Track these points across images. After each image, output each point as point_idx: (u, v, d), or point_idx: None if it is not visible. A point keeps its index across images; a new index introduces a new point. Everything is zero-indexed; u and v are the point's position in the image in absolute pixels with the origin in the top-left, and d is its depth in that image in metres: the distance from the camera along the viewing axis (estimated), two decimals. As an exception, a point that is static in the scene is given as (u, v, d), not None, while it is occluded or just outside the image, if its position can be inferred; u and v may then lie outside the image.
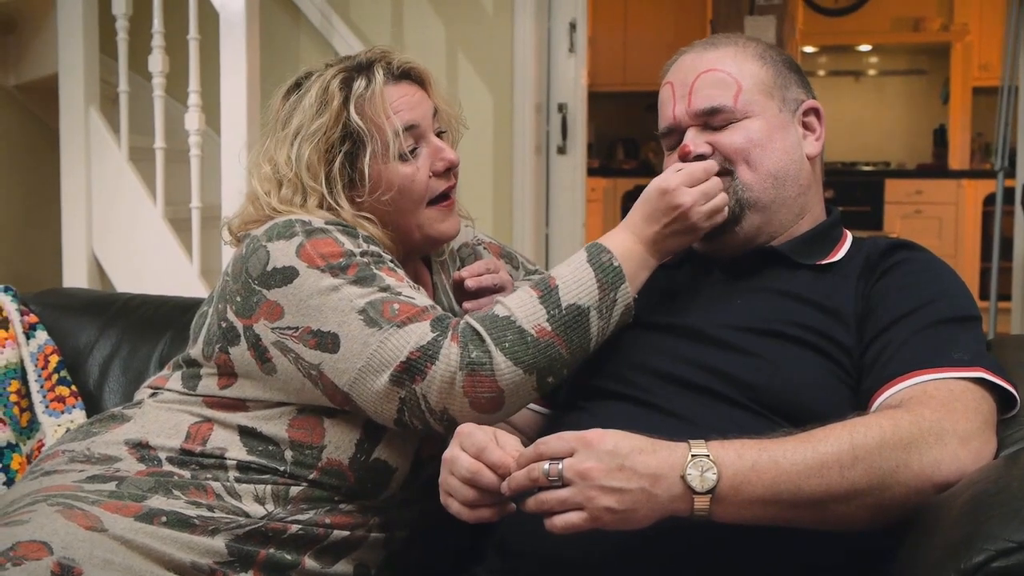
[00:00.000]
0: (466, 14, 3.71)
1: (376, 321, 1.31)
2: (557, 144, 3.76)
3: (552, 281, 1.34)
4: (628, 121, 8.18)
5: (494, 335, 1.29)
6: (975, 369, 1.24)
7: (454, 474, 1.18)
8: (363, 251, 1.38)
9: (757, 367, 1.32)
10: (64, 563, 1.22)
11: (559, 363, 1.32)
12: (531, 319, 1.31)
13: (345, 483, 1.39)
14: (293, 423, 1.39)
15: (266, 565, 1.34)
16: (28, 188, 3.52)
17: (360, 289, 1.33)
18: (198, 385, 1.45)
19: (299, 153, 1.46)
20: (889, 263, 1.40)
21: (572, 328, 1.32)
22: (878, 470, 1.12)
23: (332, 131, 1.45)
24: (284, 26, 3.77)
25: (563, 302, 1.32)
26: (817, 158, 1.52)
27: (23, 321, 1.93)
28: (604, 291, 1.34)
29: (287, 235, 1.39)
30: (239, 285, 1.40)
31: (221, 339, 1.42)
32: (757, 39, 1.54)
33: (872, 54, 8.13)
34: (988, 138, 7.03)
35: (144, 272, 3.05)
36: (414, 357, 1.28)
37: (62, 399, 1.89)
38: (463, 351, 1.28)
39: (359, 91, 1.46)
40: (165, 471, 1.38)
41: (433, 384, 1.28)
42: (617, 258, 1.36)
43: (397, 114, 1.47)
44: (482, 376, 1.28)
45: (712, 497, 1.09)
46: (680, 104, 1.48)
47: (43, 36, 3.31)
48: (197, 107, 2.97)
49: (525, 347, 1.29)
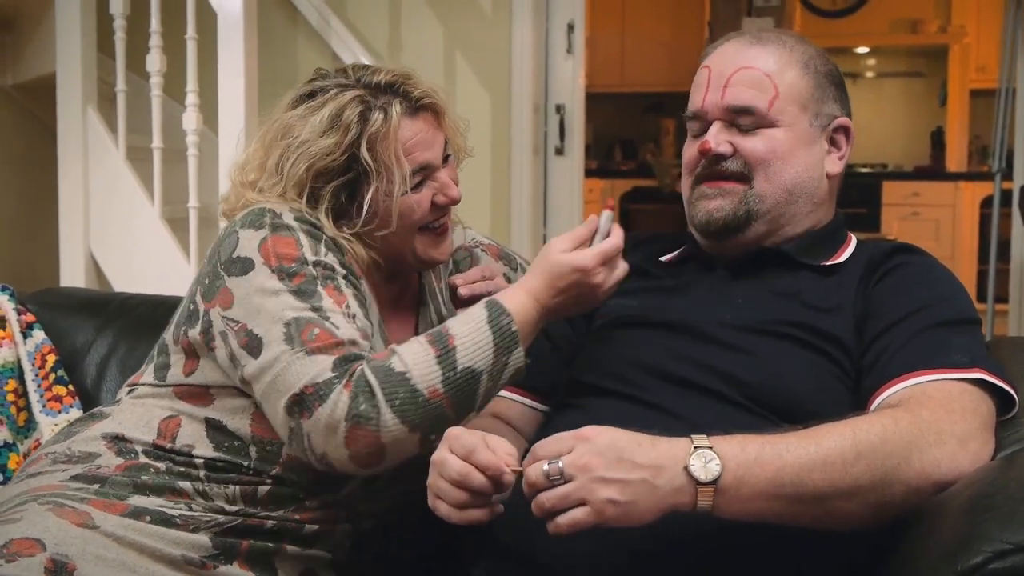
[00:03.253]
0: (464, 15, 3.70)
1: (292, 339, 1.30)
2: (555, 145, 3.76)
3: (451, 341, 1.31)
4: (626, 122, 8.17)
5: (386, 390, 1.27)
6: (974, 370, 1.24)
7: (443, 476, 1.18)
8: (316, 260, 1.38)
9: (755, 366, 1.32)
10: (57, 559, 1.24)
11: (444, 423, 1.28)
12: (426, 380, 1.28)
13: (307, 478, 1.39)
14: (255, 417, 1.40)
15: (250, 555, 1.37)
16: (25, 187, 3.52)
17: (295, 302, 1.34)
18: (167, 375, 1.47)
19: (293, 164, 1.44)
20: (890, 265, 1.41)
21: (463, 390, 1.30)
22: (880, 467, 1.12)
23: (336, 158, 1.43)
24: (282, 26, 3.77)
25: (459, 364, 1.30)
26: (837, 176, 1.49)
27: (20, 320, 1.93)
28: (499, 355, 1.32)
29: (256, 224, 1.40)
30: (211, 267, 1.43)
31: (186, 321, 1.45)
32: (807, 42, 1.49)
33: (870, 56, 8.13)
34: (985, 140, 7.03)
35: (141, 272, 3.05)
36: (307, 392, 1.28)
37: (59, 398, 1.89)
38: (352, 402, 1.26)
39: (374, 127, 1.43)
40: (142, 463, 1.40)
41: (318, 426, 1.27)
42: (516, 323, 1.34)
43: (410, 156, 1.45)
44: (367, 430, 1.26)
45: (716, 489, 1.09)
46: (713, 94, 1.45)
47: (41, 35, 3.30)
48: (195, 107, 2.97)
49: (415, 407, 1.28)
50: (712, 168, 1.45)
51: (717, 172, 1.44)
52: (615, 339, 1.44)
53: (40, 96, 3.38)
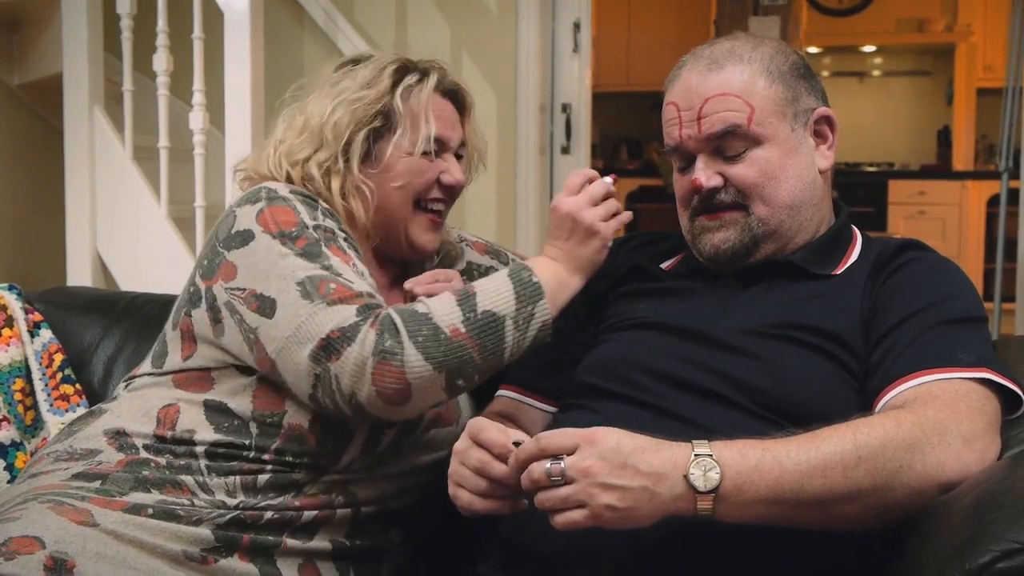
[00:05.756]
0: (470, 14, 3.71)
1: (310, 295, 1.34)
2: (561, 144, 3.76)
3: (472, 289, 1.38)
4: (632, 121, 8.17)
5: (410, 328, 1.32)
6: (980, 369, 1.24)
7: (465, 464, 1.19)
8: (316, 224, 1.44)
9: (762, 370, 1.32)
10: (57, 556, 1.24)
11: (470, 367, 1.33)
12: (447, 319, 1.34)
13: (307, 447, 1.41)
14: (256, 394, 1.42)
15: (251, 548, 1.38)
16: (32, 187, 3.53)
17: (304, 262, 1.38)
18: (165, 362, 1.49)
19: (334, 110, 1.53)
20: (898, 263, 1.40)
21: (486, 334, 1.34)
22: (881, 471, 1.12)
23: (372, 105, 1.53)
24: (288, 25, 3.77)
25: (479, 307, 1.35)
26: (829, 169, 1.48)
27: (27, 319, 1.94)
28: (521, 303, 1.37)
29: (252, 200, 1.46)
30: (208, 250, 1.47)
31: (187, 303, 1.48)
32: (761, 41, 1.47)
33: (876, 55, 8.12)
34: (992, 139, 7.03)
35: (148, 271, 3.06)
36: (334, 336, 1.31)
37: (66, 397, 1.89)
38: (378, 338, 1.31)
39: (409, 83, 1.56)
40: (142, 458, 1.41)
41: (346, 366, 1.30)
42: (537, 275, 1.40)
43: (433, 122, 1.55)
44: (391, 366, 1.30)
45: (715, 496, 1.09)
46: (688, 129, 1.43)
47: (47, 35, 3.31)
48: (201, 106, 2.97)
49: (437, 344, 1.32)
50: (708, 202, 1.44)
51: (714, 205, 1.44)
52: (622, 342, 1.44)
53: (47, 96, 3.39)
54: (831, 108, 1.50)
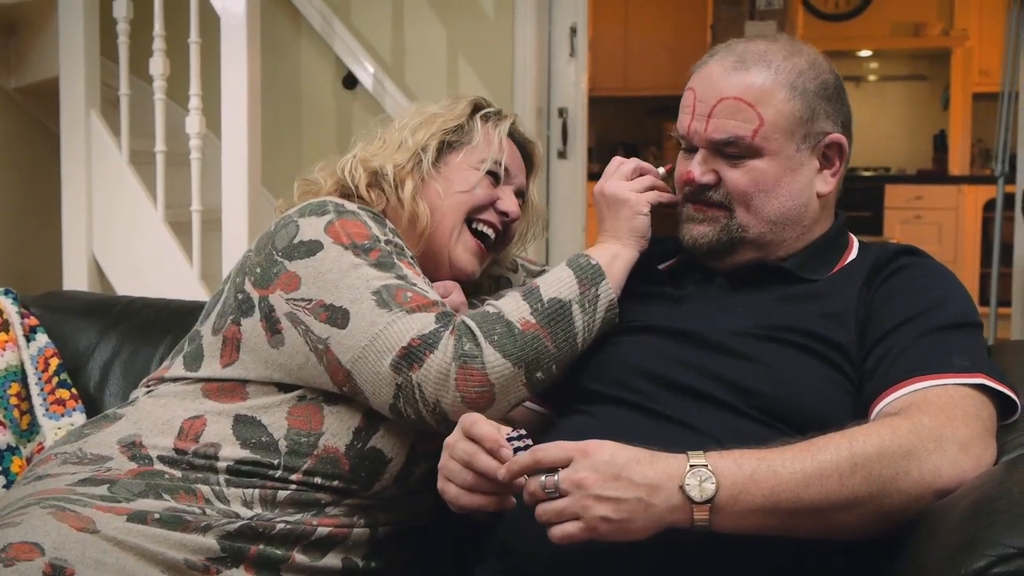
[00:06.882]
0: (467, 18, 3.71)
1: (387, 303, 1.35)
2: (558, 148, 3.76)
3: (534, 284, 1.42)
4: (629, 126, 8.16)
5: (484, 329, 1.34)
6: (975, 375, 1.24)
7: (453, 457, 1.19)
8: (387, 239, 1.45)
9: (758, 373, 1.32)
10: (56, 563, 1.23)
11: (546, 357, 1.36)
12: (516, 314, 1.37)
13: (339, 471, 1.40)
14: (292, 411, 1.41)
15: (257, 560, 1.36)
16: (28, 191, 3.52)
17: (379, 272, 1.39)
18: (200, 366, 1.47)
19: (414, 122, 1.61)
20: (892, 268, 1.41)
21: (556, 321, 1.38)
22: (877, 478, 1.12)
23: (450, 120, 1.60)
24: (285, 29, 3.77)
25: (544, 296, 1.39)
26: (831, 193, 1.48)
27: (23, 324, 1.93)
28: (584, 286, 1.41)
29: (319, 212, 1.46)
30: (261, 257, 1.45)
31: (235, 310, 1.45)
32: (799, 51, 1.45)
33: (872, 59, 8.13)
34: (988, 144, 7.02)
35: (144, 275, 3.05)
36: (415, 344, 1.32)
37: (62, 402, 1.89)
38: (457, 343, 1.32)
39: (487, 112, 1.64)
40: (156, 470, 1.39)
41: (429, 374, 1.31)
42: (594, 258, 1.44)
43: (504, 149, 1.61)
44: (473, 369, 1.32)
45: (711, 507, 1.09)
46: (697, 123, 1.44)
47: (44, 39, 3.30)
48: (198, 110, 2.97)
49: (512, 340, 1.34)
50: (698, 195, 1.46)
51: (702, 199, 1.46)
52: (619, 345, 1.44)
53: (43, 100, 3.38)
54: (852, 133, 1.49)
